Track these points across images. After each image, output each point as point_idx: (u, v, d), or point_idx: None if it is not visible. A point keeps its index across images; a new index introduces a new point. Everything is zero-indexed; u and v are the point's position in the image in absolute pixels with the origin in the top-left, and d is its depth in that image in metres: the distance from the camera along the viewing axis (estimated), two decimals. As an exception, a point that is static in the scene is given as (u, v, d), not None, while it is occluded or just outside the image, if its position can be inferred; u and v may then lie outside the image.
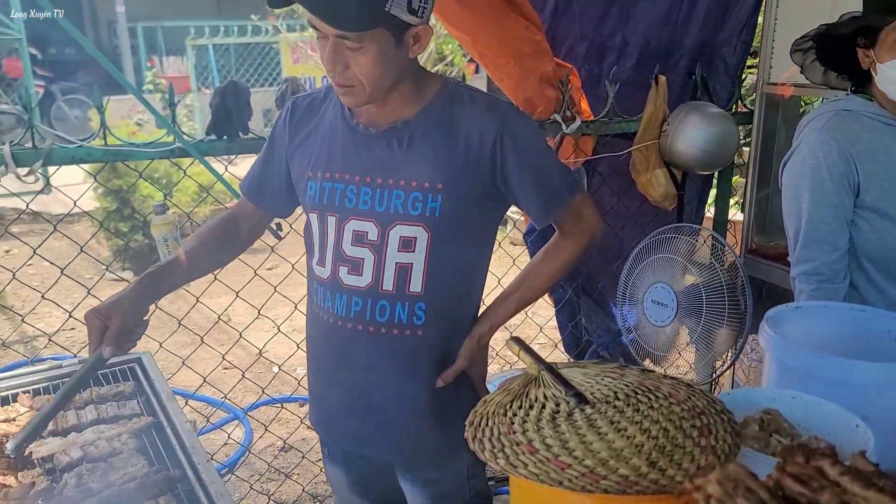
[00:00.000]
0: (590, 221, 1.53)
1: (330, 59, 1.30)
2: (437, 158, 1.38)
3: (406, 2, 1.26)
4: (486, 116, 1.39)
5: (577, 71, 2.46)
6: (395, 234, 1.39)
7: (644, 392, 1.05)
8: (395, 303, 1.42)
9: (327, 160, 1.45)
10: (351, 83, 1.32)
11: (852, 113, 1.63)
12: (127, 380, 1.72)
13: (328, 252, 1.45)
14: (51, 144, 1.87)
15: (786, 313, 1.40)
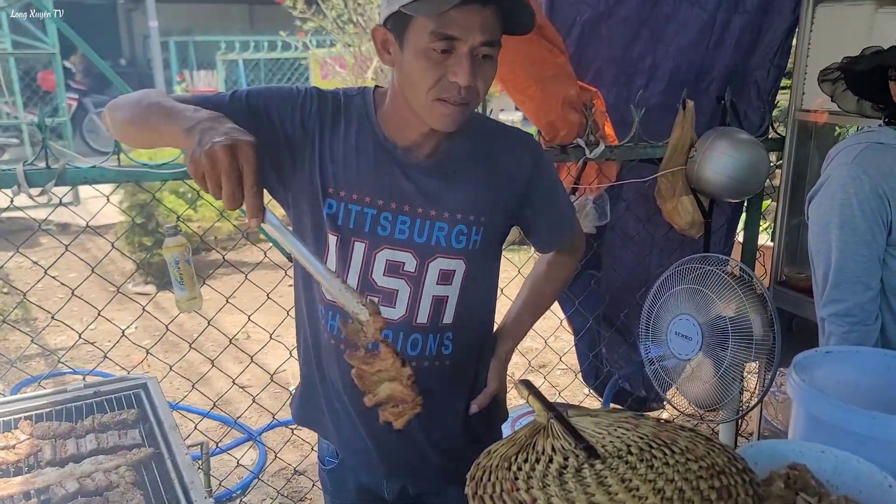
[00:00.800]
0: (581, 240, 1.62)
1: (470, 71, 1.17)
2: (479, 191, 1.36)
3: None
4: (522, 150, 1.41)
5: (604, 95, 2.40)
6: (434, 267, 1.35)
7: (659, 446, 0.98)
8: (428, 335, 1.39)
9: (357, 181, 1.31)
10: (470, 99, 1.22)
11: (885, 146, 1.55)
12: (131, 406, 1.68)
13: (350, 278, 1.36)
14: (63, 165, 1.85)
15: (815, 358, 1.33)
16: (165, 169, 1.96)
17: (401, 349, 1.37)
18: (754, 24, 2.43)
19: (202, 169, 0.97)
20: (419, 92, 1.21)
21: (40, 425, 1.57)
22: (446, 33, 1.15)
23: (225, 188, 0.97)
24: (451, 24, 1.15)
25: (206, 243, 5.63)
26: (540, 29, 2.18)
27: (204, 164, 0.97)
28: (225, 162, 0.96)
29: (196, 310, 2.04)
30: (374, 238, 1.33)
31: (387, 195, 1.32)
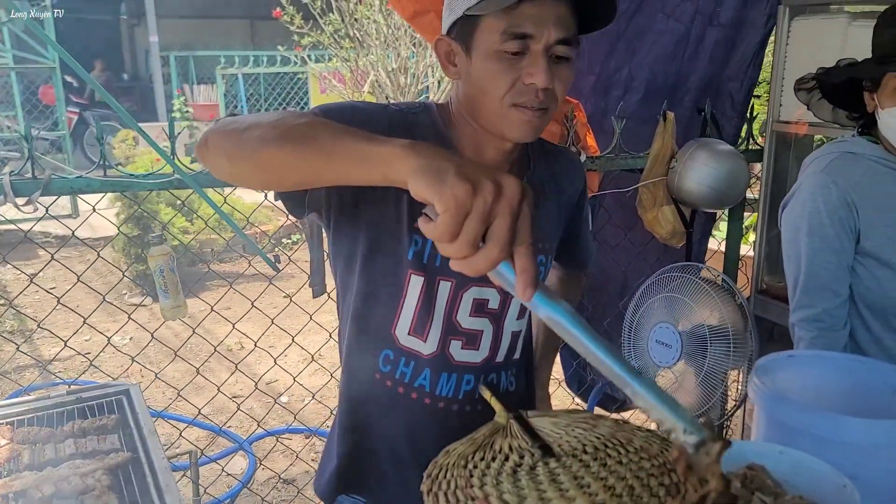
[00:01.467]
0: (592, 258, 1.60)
1: (546, 72, 1.07)
2: (550, 218, 1.32)
3: None
4: (577, 171, 1.39)
5: (583, 105, 2.44)
6: (515, 302, 1.25)
7: (614, 445, 1.00)
8: (502, 372, 1.30)
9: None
10: (548, 104, 1.11)
11: (856, 156, 1.58)
12: (112, 412, 1.70)
13: (434, 322, 1.22)
14: (49, 175, 1.89)
15: (779, 362, 1.35)
16: (150, 179, 1.99)
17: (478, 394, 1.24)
18: (728, 37, 2.47)
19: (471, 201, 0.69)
20: (493, 99, 1.11)
21: (20, 430, 1.59)
22: (519, 31, 1.06)
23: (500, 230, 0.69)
24: (523, 21, 1.06)
25: (198, 255, 5.66)
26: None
27: (486, 194, 0.69)
28: (516, 198, 0.71)
29: (180, 317, 2.07)
30: (461, 277, 1.20)
31: None
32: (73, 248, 6.60)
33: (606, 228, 2.60)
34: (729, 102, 2.54)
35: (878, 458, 1.11)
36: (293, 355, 4.08)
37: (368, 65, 7.25)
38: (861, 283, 1.57)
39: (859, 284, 1.58)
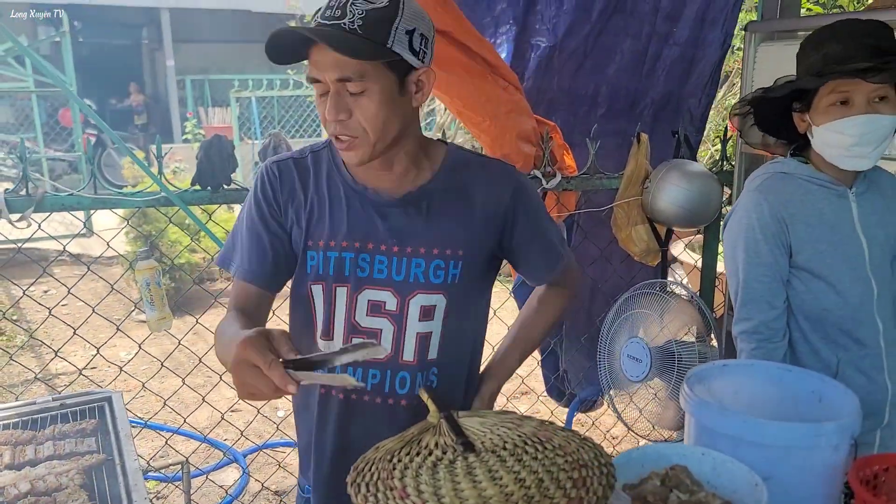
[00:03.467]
0: (576, 275, 1.59)
1: (333, 107, 1.22)
2: (456, 225, 1.37)
3: (407, 41, 1.22)
4: (500, 180, 1.40)
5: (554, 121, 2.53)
6: (415, 304, 1.36)
7: (534, 443, 1.07)
8: (416, 373, 1.39)
9: (332, 229, 1.36)
10: (354, 134, 1.25)
11: (787, 175, 1.65)
12: (93, 417, 1.79)
13: (336, 324, 1.38)
14: (43, 193, 1.99)
15: (713, 371, 1.41)
16: (138, 197, 2.10)
17: (389, 388, 1.39)
18: (685, 56, 2.58)
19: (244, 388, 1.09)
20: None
21: (3, 433, 1.68)
22: (310, 76, 1.25)
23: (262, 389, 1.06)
24: (311, 68, 1.24)
25: (205, 273, 5.77)
26: (495, 69, 2.31)
27: (240, 384, 1.08)
28: (242, 355, 1.06)
29: (166, 329, 2.17)
30: (355, 280, 1.36)
31: (362, 237, 1.35)
32: (85, 267, 6.76)
33: (582, 246, 2.67)
34: (688, 118, 2.64)
35: (792, 457, 1.17)
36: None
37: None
38: (798, 295, 1.64)
39: (796, 297, 1.64)
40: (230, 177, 2.17)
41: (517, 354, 1.55)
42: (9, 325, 5.51)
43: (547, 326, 1.59)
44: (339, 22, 1.19)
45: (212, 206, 2.31)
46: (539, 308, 1.57)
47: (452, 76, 2.24)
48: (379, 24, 1.20)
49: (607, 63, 2.64)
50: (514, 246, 1.44)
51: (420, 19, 1.25)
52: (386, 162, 1.34)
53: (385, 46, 1.20)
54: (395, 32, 1.21)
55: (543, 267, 1.50)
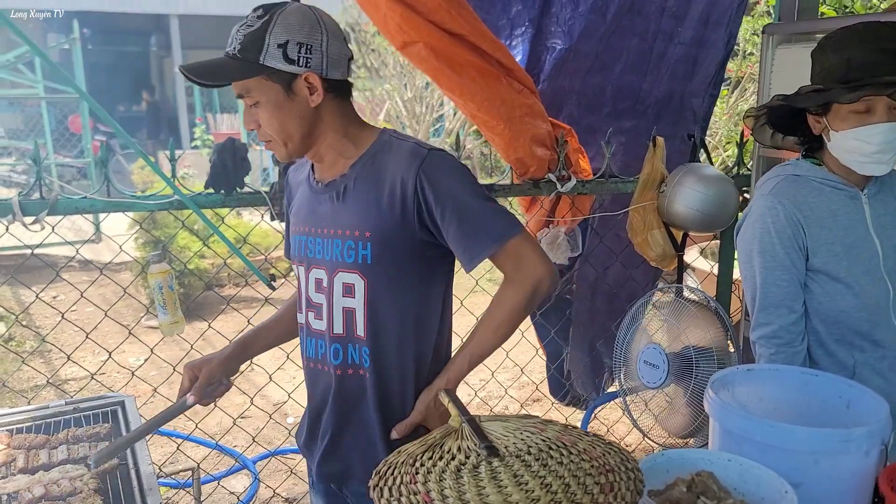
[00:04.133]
0: (532, 268, 1.45)
1: (244, 119, 1.48)
2: (366, 208, 1.47)
3: (281, 53, 1.38)
4: (407, 163, 1.44)
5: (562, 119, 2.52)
6: (338, 281, 1.49)
7: (558, 448, 1.05)
8: (346, 345, 1.51)
9: (297, 216, 1.60)
10: (266, 138, 1.47)
11: (800, 178, 1.64)
12: (106, 421, 1.78)
13: (302, 299, 1.58)
14: (56, 195, 1.98)
15: (737, 376, 1.39)
16: (151, 200, 2.08)
17: (329, 358, 1.54)
18: (689, 55, 2.58)
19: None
20: None
21: (17, 437, 1.67)
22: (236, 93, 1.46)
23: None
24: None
25: (215, 280, 5.77)
26: (510, 71, 2.30)
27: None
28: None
29: (178, 333, 2.15)
30: (307, 260, 1.56)
31: (310, 222, 1.55)
32: (96, 272, 6.77)
33: (600, 250, 2.65)
34: (691, 117, 2.63)
35: (821, 464, 1.15)
36: (301, 377, 4.14)
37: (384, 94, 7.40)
38: (814, 298, 1.61)
39: (813, 300, 1.62)
40: (243, 180, 2.16)
41: (467, 355, 1.51)
42: (18, 330, 5.51)
43: (498, 326, 1.49)
44: (228, 49, 1.41)
45: (223, 210, 2.29)
46: (490, 307, 1.52)
47: (466, 79, 2.22)
48: (252, 44, 1.38)
49: (615, 63, 2.63)
50: (438, 228, 1.44)
51: (297, 30, 1.39)
52: (316, 155, 1.52)
53: (257, 63, 1.38)
54: (266, 48, 1.38)
55: (466, 248, 1.43)
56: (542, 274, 1.46)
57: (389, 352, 1.50)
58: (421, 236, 1.45)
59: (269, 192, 2.19)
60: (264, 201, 2.18)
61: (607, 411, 3.67)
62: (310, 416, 1.63)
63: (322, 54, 1.42)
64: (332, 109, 1.47)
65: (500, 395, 4.05)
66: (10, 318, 5.80)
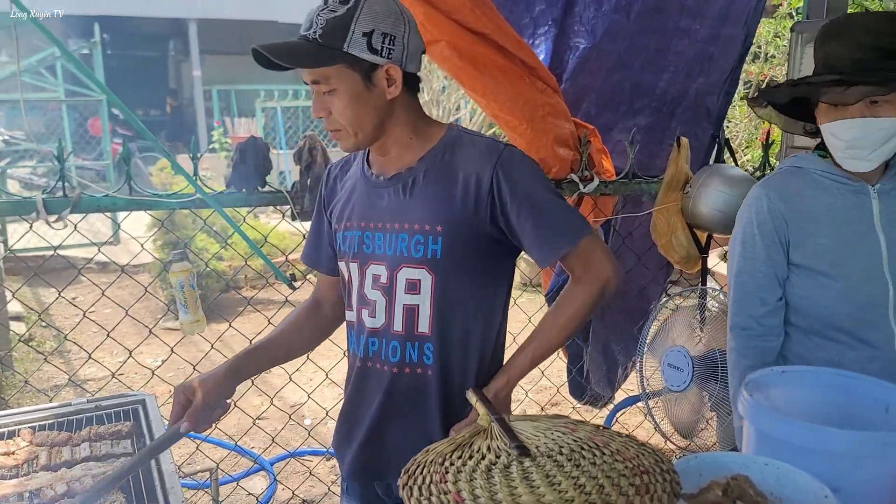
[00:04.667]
0: (601, 268, 1.45)
1: (313, 106, 1.42)
2: (437, 201, 1.43)
3: (365, 42, 1.35)
4: (483, 158, 1.43)
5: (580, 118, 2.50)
6: (401, 277, 1.46)
7: (590, 448, 1.03)
8: (405, 343, 1.48)
9: (350, 211, 1.55)
10: (336, 127, 1.43)
11: (801, 170, 1.60)
12: (128, 420, 1.77)
13: (353, 296, 1.54)
14: (79, 193, 1.99)
15: (771, 377, 1.35)
16: (173, 198, 2.08)
17: (384, 356, 1.50)
18: (706, 53, 2.55)
19: None
20: None
21: (40, 434, 1.66)
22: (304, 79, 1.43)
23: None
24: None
25: (232, 281, 5.78)
26: (533, 70, 2.28)
27: None
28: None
29: (199, 332, 2.14)
30: (363, 256, 1.51)
31: (367, 217, 1.51)
32: (114, 274, 6.81)
33: (621, 253, 2.62)
34: (705, 115, 2.60)
35: (861, 468, 1.11)
36: (318, 378, 4.13)
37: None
38: (794, 292, 1.58)
39: (792, 294, 1.59)
40: (265, 179, 2.15)
41: (529, 353, 1.49)
42: (38, 330, 5.55)
43: (563, 327, 1.49)
44: (307, 33, 1.37)
45: (243, 211, 2.29)
46: (556, 306, 1.50)
47: (488, 78, 2.20)
48: (336, 30, 1.35)
49: (634, 61, 2.61)
50: (512, 225, 1.43)
51: (382, 19, 1.37)
52: (381, 148, 1.48)
53: (341, 51, 1.35)
54: (351, 36, 1.35)
55: (541, 246, 1.42)
56: (609, 274, 1.45)
57: (454, 349, 1.48)
58: (491, 233, 1.44)
59: (290, 191, 2.18)
60: (285, 200, 2.17)
61: (627, 415, 3.63)
62: (351, 413, 1.59)
63: (403, 47, 1.40)
64: (405, 103, 1.45)
65: (520, 398, 4.02)
66: (30, 317, 5.85)
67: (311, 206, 2.15)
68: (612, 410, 2.67)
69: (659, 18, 2.49)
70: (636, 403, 2.73)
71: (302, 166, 2.15)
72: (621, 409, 2.70)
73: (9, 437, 1.67)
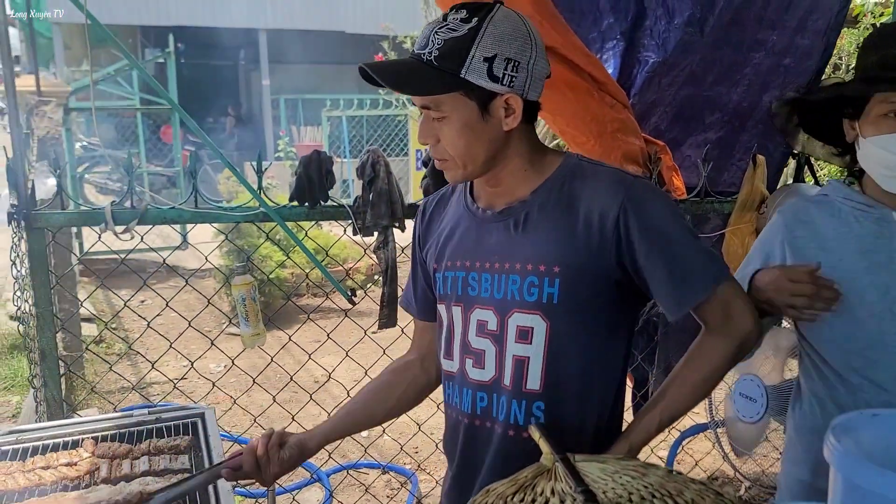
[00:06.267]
0: (740, 320, 1.29)
1: (420, 131, 1.29)
2: (554, 239, 1.27)
3: (486, 68, 1.20)
4: (609, 191, 1.25)
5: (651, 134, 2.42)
6: (512, 323, 1.29)
7: (662, 496, 0.96)
8: (512, 400, 1.30)
9: (451, 249, 1.38)
10: (443, 157, 1.29)
11: (826, 198, 1.49)
12: (186, 434, 1.77)
13: (455, 344, 1.38)
14: (146, 205, 2.01)
15: (860, 421, 1.25)
16: (237, 211, 2.09)
17: (495, 413, 1.32)
18: (781, 65, 2.45)
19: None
20: None
21: (102, 445, 1.68)
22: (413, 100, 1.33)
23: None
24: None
25: (293, 288, 5.83)
26: (602, 85, 2.21)
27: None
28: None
29: (259, 345, 2.15)
30: (467, 300, 1.35)
31: (473, 255, 1.35)
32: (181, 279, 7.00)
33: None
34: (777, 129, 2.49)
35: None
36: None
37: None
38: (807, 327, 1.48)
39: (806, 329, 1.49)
40: (328, 193, 2.14)
41: (657, 415, 1.31)
42: (107, 332, 5.71)
43: (697, 385, 1.31)
44: (422, 52, 1.23)
45: (306, 223, 2.28)
46: (688, 361, 1.33)
47: (555, 93, 2.14)
48: (454, 52, 1.21)
49: (706, 74, 2.51)
50: (640, 268, 1.25)
51: (507, 43, 1.22)
52: (493, 179, 1.33)
53: (457, 76, 1.21)
54: (470, 61, 1.20)
55: (673, 294, 1.25)
56: (750, 326, 1.30)
57: (568, 407, 1.30)
58: (615, 275, 1.26)
59: (352, 206, 2.16)
60: (347, 215, 2.16)
61: (694, 442, 3.49)
62: (459, 478, 1.42)
63: (528, 73, 1.24)
64: (521, 133, 1.29)
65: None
66: (100, 320, 6.03)
67: (372, 221, 2.13)
68: (678, 437, 2.56)
69: (735, 31, 2.40)
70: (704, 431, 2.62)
71: (364, 181, 2.13)
72: (688, 437, 2.59)
73: (73, 447, 1.70)
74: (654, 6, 2.41)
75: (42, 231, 1.96)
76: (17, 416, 3.97)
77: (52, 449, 1.69)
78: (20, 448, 1.69)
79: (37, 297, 1.97)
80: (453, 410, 1.41)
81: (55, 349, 2.03)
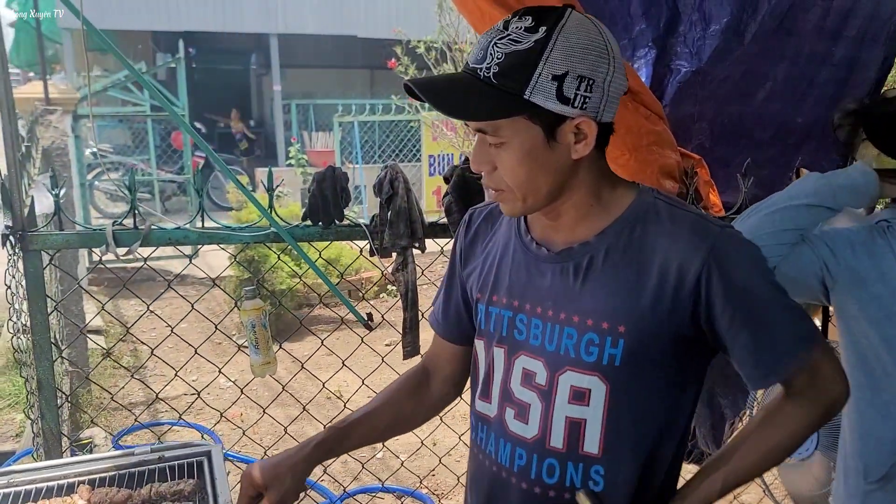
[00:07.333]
0: (829, 386, 1.16)
1: (473, 156, 1.13)
2: (620, 294, 1.11)
3: (555, 87, 1.04)
4: (691, 242, 1.09)
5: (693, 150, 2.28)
6: (564, 381, 1.15)
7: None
8: (567, 462, 1.17)
9: (496, 282, 1.24)
10: (500, 187, 1.13)
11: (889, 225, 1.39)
12: (191, 476, 1.64)
13: (494, 387, 1.25)
14: (149, 226, 1.89)
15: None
16: (246, 232, 1.96)
17: (535, 475, 1.19)
18: (839, 78, 2.32)
19: None
20: None
21: (99, 491, 1.54)
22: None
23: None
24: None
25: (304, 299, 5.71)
26: (636, 95, 2.07)
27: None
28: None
29: (270, 374, 2.01)
30: (512, 343, 1.21)
31: (521, 295, 1.20)
32: (191, 287, 6.89)
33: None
34: (833, 145, 2.35)
35: None
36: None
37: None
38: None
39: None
40: (343, 212, 2.01)
41: (720, 479, 1.17)
42: (119, 345, 5.61)
43: (772, 450, 1.17)
44: (479, 67, 1.07)
45: (321, 243, 2.15)
46: (763, 423, 1.19)
47: (588, 104, 2.00)
48: (517, 70, 1.04)
49: (757, 90, 2.36)
50: (719, 331, 1.10)
51: (580, 57, 1.05)
52: (552, 212, 1.17)
53: (521, 97, 1.05)
54: (536, 80, 1.04)
55: (758, 364, 1.11)
56: (838, 394, 1.16)
57: (630, 472, 1.16)
58: (687, 333, 1.12)
59: (369, 226, 2.03)
60: (364, 235, 2.02)
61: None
62: None
63: (603, 92, 1.07)
64: (591, 161, 1.14)
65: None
66: (109, 330, 5.93)
67: (390, 242, 1.99)
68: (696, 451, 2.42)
69: (791, 42, 2.25)
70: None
71: (382, 199, 1.99)
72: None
73: (67, 493, 1.57)
74: (690, 11, 2.27)
75: (38, 253, 1.84)
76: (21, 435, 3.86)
77: (45, 494, 1.56)
78: (11, 493, 1.56)
79: (33, 323, 1.85)
80: (485, 458, 1.27)
81: (52, 378, 1.90)
